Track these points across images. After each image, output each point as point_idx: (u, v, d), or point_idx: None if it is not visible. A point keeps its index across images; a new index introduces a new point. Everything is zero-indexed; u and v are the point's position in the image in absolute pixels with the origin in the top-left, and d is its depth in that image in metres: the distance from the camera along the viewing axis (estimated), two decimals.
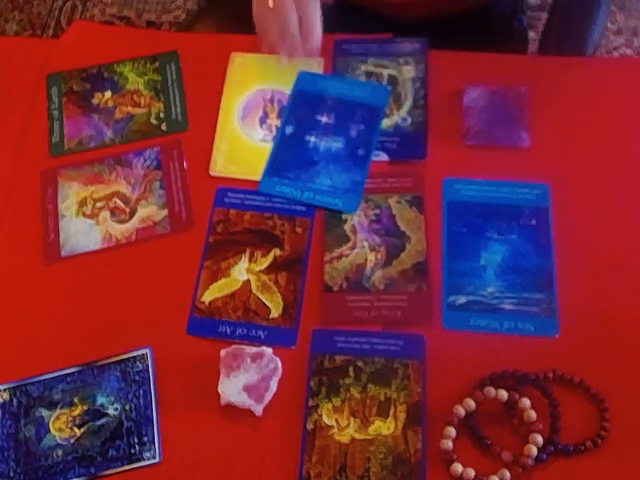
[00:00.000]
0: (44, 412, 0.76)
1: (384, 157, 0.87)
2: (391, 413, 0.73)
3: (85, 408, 0.76)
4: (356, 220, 0.84)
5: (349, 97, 0.91)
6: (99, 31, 1.07)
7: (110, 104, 0.94)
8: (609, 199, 0.83)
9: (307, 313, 0.79)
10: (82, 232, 0.86)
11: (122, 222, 0.86)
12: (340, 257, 0.82)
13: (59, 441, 0.75)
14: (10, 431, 0.75)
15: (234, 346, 0.76)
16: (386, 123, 0.89)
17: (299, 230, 0.84)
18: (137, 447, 0.74)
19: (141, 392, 0.76)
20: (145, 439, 0.74)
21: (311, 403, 0.74)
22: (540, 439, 0.70)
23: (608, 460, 0.70)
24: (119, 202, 0.87)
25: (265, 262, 0.82)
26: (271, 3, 0.85)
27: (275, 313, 0.79)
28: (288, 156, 0.88)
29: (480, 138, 0.87)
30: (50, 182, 0.89)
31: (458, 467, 0.70)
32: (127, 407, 0.76)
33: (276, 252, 0.83)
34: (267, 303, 0.80)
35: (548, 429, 0.71)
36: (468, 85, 0.90)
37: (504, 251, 0.81)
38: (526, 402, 0.72)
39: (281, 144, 0.89)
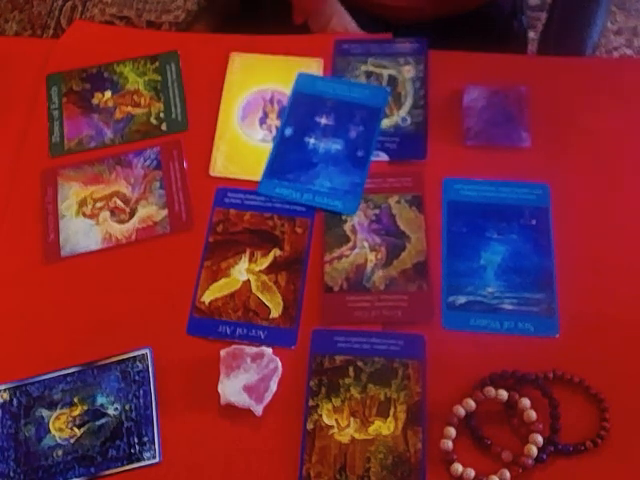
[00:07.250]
0: (44, 412, 0.76)
1: (384, 157, 0.87)
2: (391, 413, 0.73)
3: (85, 408, 0.76)
4: (356, 220, 0.84)
5: (348, 98, 0.91)
6: (99, 31, 1.07)
7: (110, 104, 0.94)
8: (609, 199, 0.83)
9: (307, 313, 0.79)
10: (82, 232, 0.86)
11: (122, 222, 0.86)
12: (340, 257, 0.82)
13: (59, 441, 0.75)
14: (10, 431, 0.75)
15: (234, 346, 0.76)
16: (386, 123, 0.89)
17: (299, 230, 0.84)
18: (137, 447, 0.74)
19: (141, 392, 0.76)
20: (145, 439, 0.74)
21: (311, 403, 0.74)
22: (540, 439, 0.70)
23: (608, 460, 0.70)
24: (119, 202, 0.87)
25: (265, 262, 0.82)
26: None
27: (275, 313, 0.79)
28: (287, 158, 0.88)
29: (480, 138, 0.87)
30: (50, 182, 0.89)
31: (458, 467, 0.70)
32: (127, 407, 0.75)
33: (276, 252, 0.83)
34: (267, 303, 0.80)
35: (548, 429, 0.71)
36: (468, 85, 0.90)
37: (504, 251, 0.81)
38: (526, 402, 0.72)
39: (280, 146, 0.89)
